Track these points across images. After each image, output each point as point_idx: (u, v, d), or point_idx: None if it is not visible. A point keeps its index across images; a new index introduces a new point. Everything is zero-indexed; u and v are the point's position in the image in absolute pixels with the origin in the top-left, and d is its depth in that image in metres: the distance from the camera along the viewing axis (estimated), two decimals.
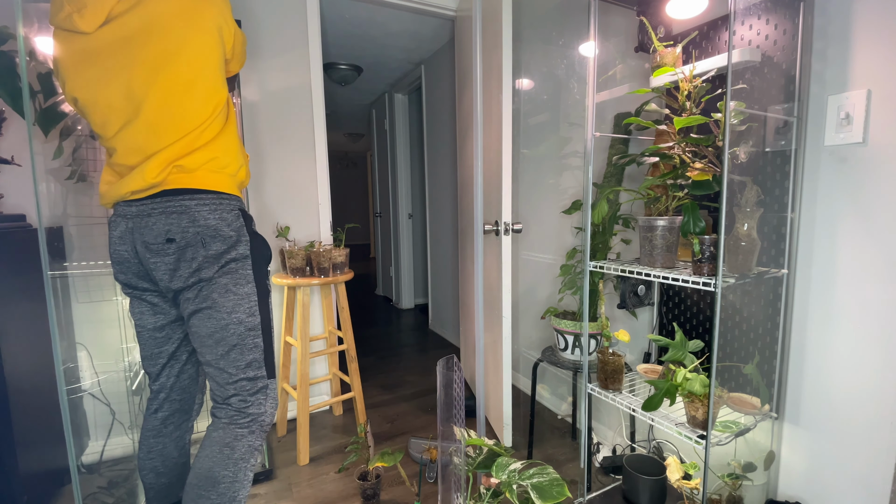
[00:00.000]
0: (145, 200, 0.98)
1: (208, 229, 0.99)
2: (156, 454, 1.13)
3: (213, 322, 1.02)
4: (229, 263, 1.02)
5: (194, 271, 0.99)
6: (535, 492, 0.93)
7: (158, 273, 1.00)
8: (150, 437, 1.14)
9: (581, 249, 1.46)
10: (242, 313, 1.04)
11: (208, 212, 0.99)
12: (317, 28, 2.09)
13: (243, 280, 1.04)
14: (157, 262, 0.99)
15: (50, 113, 1.50)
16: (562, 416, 2.10)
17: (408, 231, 4.28)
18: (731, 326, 1.29)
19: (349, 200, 9.41)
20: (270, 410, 1.09)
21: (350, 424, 2.11)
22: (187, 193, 0.98)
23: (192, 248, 0.98)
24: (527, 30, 2.20)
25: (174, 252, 0.98)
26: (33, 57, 1.51)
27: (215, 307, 1.01)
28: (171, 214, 0.97)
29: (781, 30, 1.14)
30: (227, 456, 1.02)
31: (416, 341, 3.39)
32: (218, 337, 1.02)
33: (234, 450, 1.03)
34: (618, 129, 1.58)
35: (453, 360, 1.22)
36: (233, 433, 1.04)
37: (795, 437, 1.21)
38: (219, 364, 1.04)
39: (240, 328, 1.03)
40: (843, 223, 1.08)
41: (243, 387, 1.05)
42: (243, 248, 1.04)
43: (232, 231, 1.02)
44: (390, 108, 4.22)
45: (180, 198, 0.98)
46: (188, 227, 0.98)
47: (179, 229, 0.97)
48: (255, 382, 1.06)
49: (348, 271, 1.90)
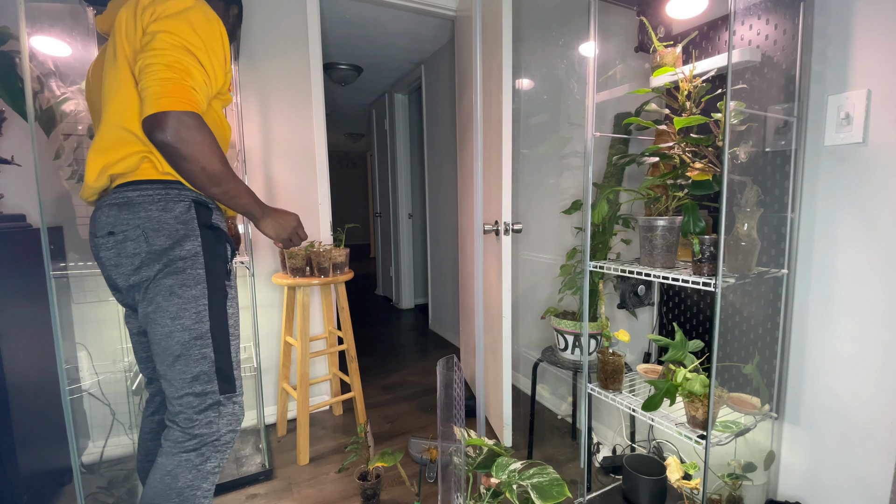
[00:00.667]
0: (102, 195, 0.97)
1: (150, 221, 0.90)
2: (154, 456, 1.11)
3: (157, 328, 0.92)
4: (175, 262, 0.92)
5: (136, 268, 0.91)
6: (535, 492, 0.93)
7: (106, 270, 0.96)
8: (147, 441, 1.13)
9: (581, 249, 1.46)
10: (188, 319, 0.93)
11: (150, 202, 0.91)
12: (317, 28, 2.09)
13: (192, 281, 0.93)
14: (102, 257, 0.95)
15: (50, 113, 1.50)
16: (562, 416, 2.10)
17: (408, 231, 4.28)
18: (731, 326, 1.29)
19: (349, 200, 9.41)
20: (226, 429, 0.97)
21: (350, 424, 2.11)
22: (131, 185, 0.92)
23: (132, 242, 0.91)
24: (527, 30, 2.20)
25: (113, 246, 0.92)
26: (33, 57, 1.51)
27: (159, 311, 0.92)
28: (113, 207, 0.92)
29: (781, 30, 1.14)
30: (167, 485, 0.92)
31: (416, 341, 3.39)
32: (163, 345, 0.93)
33: (176, 478, 0.92)
34: (618, 129, 1.58)
35: (453, 360, 1.22)
36: (175, 460, 0.93)
37: (795, 437, 1.21)
38: (166, 375, 0.94)
39: (184, 335, 0.93)
40: (843, 223, 1.08)
41: (189, 403, 0.94)
42: (191, 245, 0.93)
43: (179, 224, 0.92)
44: (390, 108, 4.22)
45: (125, 189, 0.92)
46: (128, 220, 0.90)
47: (120, 221, 0.91)
48: (204, 398, 0.95)
49: (348, 271, 1.90)
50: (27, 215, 1.56)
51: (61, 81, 1.58)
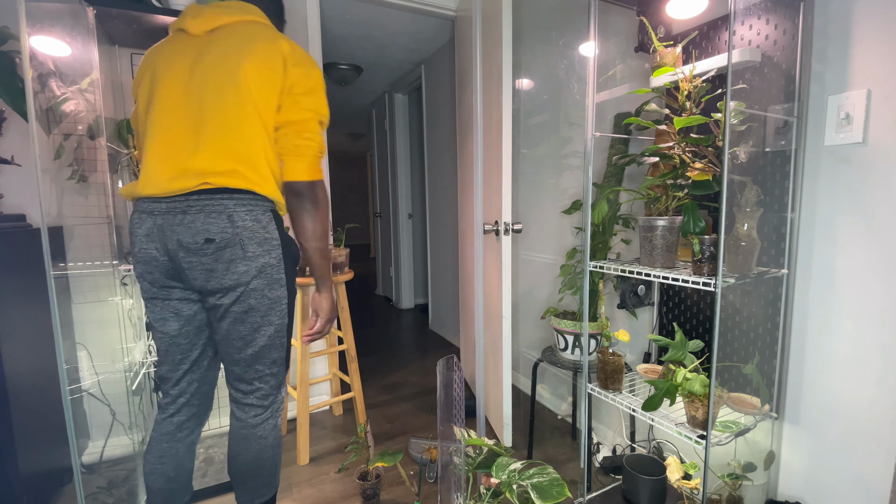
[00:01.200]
0: (178, 197, 0.97)
1: (246, 231, 0.99)
2: (168, 458, 1.10)
3: (247, 326, 1.04)
4: (266, 269, 1.02)
5: (231, 273, 0.99)
6: (535, 492, 0.93)
7: (193, 272, 0.99)
8: (162, 442, 1.11)
9: (581, 249, 1.46)
10: (275, 316, 1.06)
11: (245, 212, 0.99)
12: (317, 28, 2.09)
13: (277, 284, 1.05)
14: (193, 262, 0.98)
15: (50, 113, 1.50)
16: (562, 416, 2.10)
17: (408, 231, 4.28)
18: (731, 326, 1.29)
19: (349, 200, 9.41)
20: (284, 393, 1.17)
21: (350, 424, 2.11)
22: (226, 192, 0.98)
23: (230, 249, 0.98)
24: (527, 30, 2.20)
25: (213, 252, 0.97)
26: (33, 57, 1.51)
27: (251, 311, 1.03)
28: (210, 213, 0.97)
29: (781, 30, 1.14)
30: (262, 446, 1.11)
31: (416, 341, 3.39)
32: (249, 339, 1.05)
33: (266, 438, 1.12)
34: (618, 129, 1.58)
35: (453, 360, 1.22)
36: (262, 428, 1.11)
37: (795, 437, 1.21)
38: (246, 362, 1.07)
39: (270, 330, 1.06)
40: (843, 223, 1.08)
41: (268, 381, 1.10)
42: (277, 252, 1.04)
43: (266, 233, 1.02)
44: (390, 108, 4.22)
45: (218, 196, 0.97)
46: (227, 228, 0.97)
47: (220, 229, 0.97)
48: (278, 377, 1.12)
49: (348, 271, 1.90)
50: (27, 215, 1.56)
51: (61, 81, 1.58)
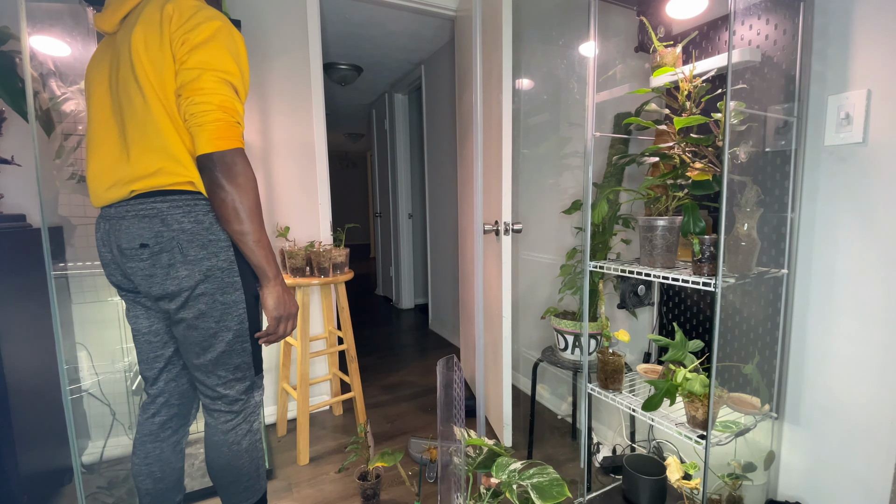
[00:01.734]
0: (121, 203, 0.96)
1: (184, 233, 0.94)
2: (153, 459, 1.10)
3: (200, 331, 0.99)
4: (213, 272, 0.97)
5: (173, 278, 0.95)
6: (535, 492, 0.93)
7: (136, 278, 0.97)
8: (147, 443, 1.11)
9: (581, 249, 1.46)
10: (232, 321, 1.01)
11: (181, 214, 0.94)
12: (317, 28, 2.09)
13: (230, 288, 1.00)
14: (133, 268, 0.96)
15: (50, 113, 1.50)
16: (562, 416, 2.10)
17: (408, 231, 4.28)
18: (730, 326, 1.29)
19: (349, 200, 9.41)
20: (258, 397, 1.13)
21: (350, 424, 2.11)
22: (157, 195, 0.94)
23: (167, 253, 0.94)
24: (527, 30, 2.20)
25: (148, 257, 0.94)
26: (33, 57, 1.51)
27: (202, 317, 0.98)
28: (143, 218, 0.93)
29: (781, 30, 1.14)
30: (236, 452, 1.07)
31: (416, 341, 3.39)
32: (206, 345, 1.00)
33: (240, 443, 1.08)
34: (618, 129, 1.58)
35: (453, 360, 1.22)
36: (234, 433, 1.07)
37: (795, 437, 1.21)
38: (206, 369, 1.03)
39: (228, 336, 1.01)
40: (843, 223, 1.08)
41: (233, 387, 1.06)
42: (226, 255, 0.99)
43: (211, 235, 0.97)
44: (390, 108, 4.22)
45: (150, 200, 0.94)
46: (162, 232, 0.93)
47: (153, 233, 0.93)
48: (244, 382, 1.08)
49: (348, 271, 1.90)
50: (27, 215, 1.56)
51: (61, 81, 1.58)
